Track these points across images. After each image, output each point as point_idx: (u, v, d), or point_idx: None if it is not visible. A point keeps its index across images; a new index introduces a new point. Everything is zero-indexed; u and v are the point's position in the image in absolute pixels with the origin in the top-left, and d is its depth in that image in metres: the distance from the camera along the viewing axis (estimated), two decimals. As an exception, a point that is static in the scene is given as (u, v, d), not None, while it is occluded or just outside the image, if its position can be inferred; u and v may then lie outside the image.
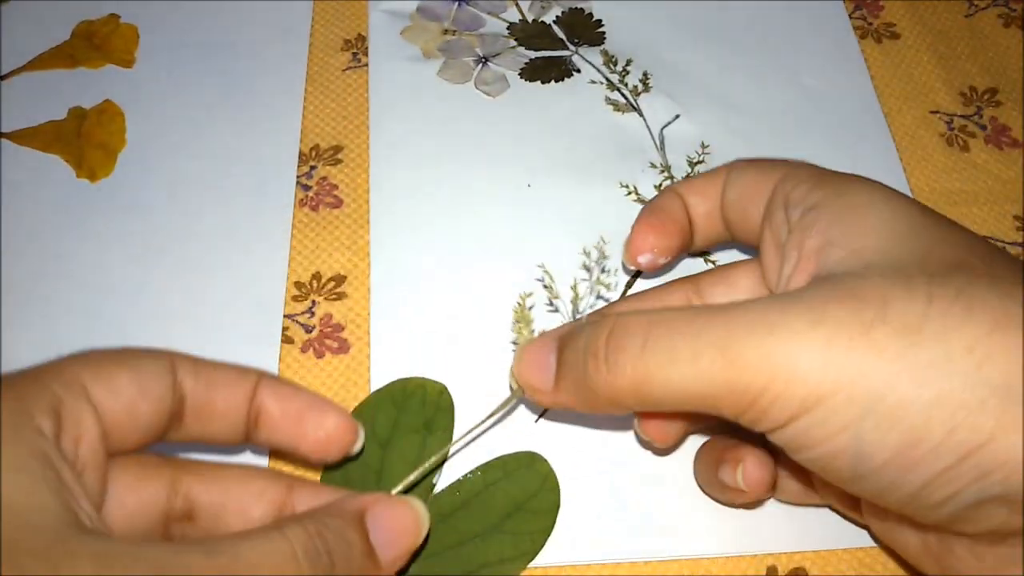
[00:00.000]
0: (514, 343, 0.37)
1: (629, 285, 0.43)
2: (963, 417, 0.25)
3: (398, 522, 0.31)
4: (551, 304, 0.41)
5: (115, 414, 0.29)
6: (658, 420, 0.35)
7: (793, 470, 0.36)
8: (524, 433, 0.39)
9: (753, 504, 0.37)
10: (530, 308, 0.38)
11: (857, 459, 0.27)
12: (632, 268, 0.40)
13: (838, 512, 0.37)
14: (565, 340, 0.33)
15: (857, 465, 0.27)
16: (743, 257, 0.43)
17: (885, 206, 0.30)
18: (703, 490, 0.38)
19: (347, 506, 0.31)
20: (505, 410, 0.37)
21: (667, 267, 0.41)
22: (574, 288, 0.39)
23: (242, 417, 0.32)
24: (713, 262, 0.43)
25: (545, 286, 0.40)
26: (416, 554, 0.35)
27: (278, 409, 0.32)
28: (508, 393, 0.37)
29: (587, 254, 0.38)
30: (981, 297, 0.26)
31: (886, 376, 0.26)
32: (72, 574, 0.23)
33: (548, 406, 0.36)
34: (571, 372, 0.32)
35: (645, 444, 0.38)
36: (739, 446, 0.35)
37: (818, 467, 0.28)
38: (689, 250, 0.39)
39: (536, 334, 0.35)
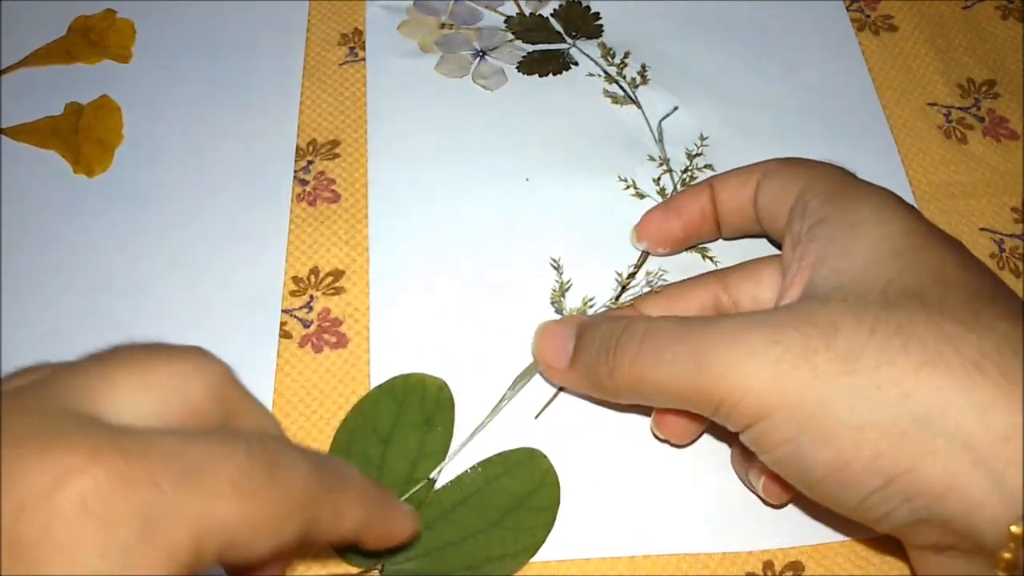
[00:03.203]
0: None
1: (639, 264, 0.43)
2: (887, 445, 0.28)
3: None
4: (554, 305, 0.42)
5: None
6: (672, 418, 0.37)
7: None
8: (524, 429, 0.39)
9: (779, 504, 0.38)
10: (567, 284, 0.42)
11: (801, 470, 0.30)
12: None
13: None
14: (584, 329, 0.36)
15: (802, 476, 0.30)
16: (736, 252, 0.43)
17: (880, 227, 0.32)
18: (742, 480, 0.38)
19: None
20: (527, 380, 0.40)
21: (674, 252, 0.44)
22: (584, 302, 0.41)
23: None
24: (711, 258, 0.43)
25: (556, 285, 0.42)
26: (417, 551, 0.36)
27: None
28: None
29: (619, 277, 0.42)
30: (918, 335, 0.28)
31: (821, 399, 0.29)
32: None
33: (556, 383, 0.39)
34: (584, 359, 0.36)
35: (662, 440, 0.39)
36: None
37: (777, 470, 0.31)
38: (712, 240, 0.43)
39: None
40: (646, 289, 0.41)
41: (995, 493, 0.27)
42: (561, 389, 0.40)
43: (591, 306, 0.41)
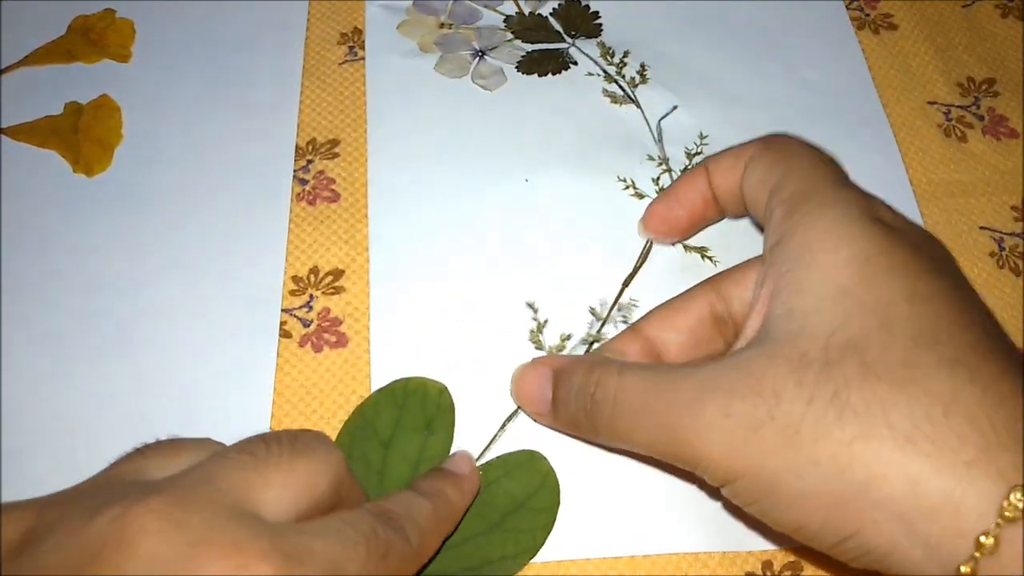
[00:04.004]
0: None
1: (644, 255, 0.44)
2: (834, 512, 0.30)
3: None
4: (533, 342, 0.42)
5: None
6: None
7: None
8: (523, 431, 0.39)
9: None
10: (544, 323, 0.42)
11: (774, 523, 0.32)
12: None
13: None
14: (559, 377, 0.37)
15: (776, 527, 0.32)
16: (736, 252, 0.43)
17: (830, 255, 0.33)
18: None
19: None
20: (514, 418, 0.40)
21: (684, 239, 0.44)
22: (563, 339, 0.42)
23: None
24: (711, 258, 0.44)
25: (534, 319, 0.42)
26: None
27: None
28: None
29: (593, 311, 0.42)
30: (852, 405, 0.29)
31: (773, 470, 0.30)
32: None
33: (543, 425, 0.39)
34: (564, 410, 0.37)
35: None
36: None
37: (760, 519, 0.33)
38: (718, 220, 0.43)
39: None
40: (620, 320, 0.42)
41: (932, 562, 0.28)
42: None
43: (568, 339, 0.41)
